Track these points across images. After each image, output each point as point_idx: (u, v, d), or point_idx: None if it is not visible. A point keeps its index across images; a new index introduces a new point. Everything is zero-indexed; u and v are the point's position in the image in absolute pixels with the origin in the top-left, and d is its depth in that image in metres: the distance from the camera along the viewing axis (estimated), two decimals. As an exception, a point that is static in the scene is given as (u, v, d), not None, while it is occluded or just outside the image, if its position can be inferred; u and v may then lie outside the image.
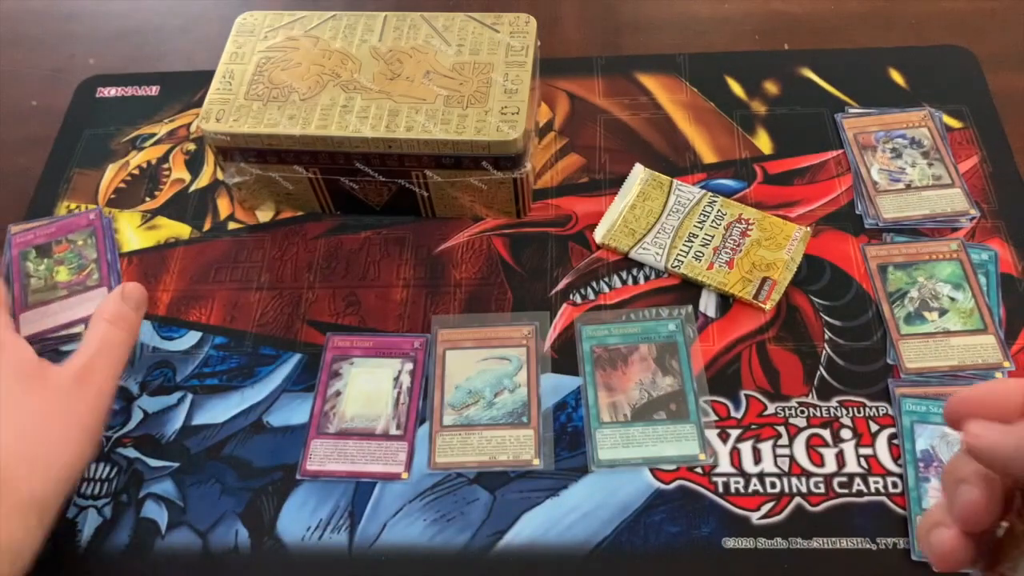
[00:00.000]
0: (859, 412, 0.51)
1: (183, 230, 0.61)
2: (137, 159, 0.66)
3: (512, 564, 0.47)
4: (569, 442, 0.51)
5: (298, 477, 0.50)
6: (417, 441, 0.51)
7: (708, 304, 0.55)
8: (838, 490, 0.48)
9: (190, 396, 0.54)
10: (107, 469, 0.51)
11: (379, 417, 0.52)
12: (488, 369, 0.53)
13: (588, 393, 0.52)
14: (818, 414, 0.51)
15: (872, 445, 0.50)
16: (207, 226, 0.62)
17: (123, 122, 0.68)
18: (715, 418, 0.51)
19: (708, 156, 0.63)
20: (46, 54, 0.74)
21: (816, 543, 0.47)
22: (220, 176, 0.63)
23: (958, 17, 0.70)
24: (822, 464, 0.49)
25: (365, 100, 0.55)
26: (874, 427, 0.50)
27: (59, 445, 0.43)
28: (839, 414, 0.51)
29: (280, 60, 0.58)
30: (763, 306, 0.54)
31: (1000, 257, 0.56)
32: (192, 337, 0.56)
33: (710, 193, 0.59)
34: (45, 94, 0.71)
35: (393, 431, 0.51)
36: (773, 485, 0.49)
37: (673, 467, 0.49)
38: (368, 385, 0.53)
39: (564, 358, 0.54)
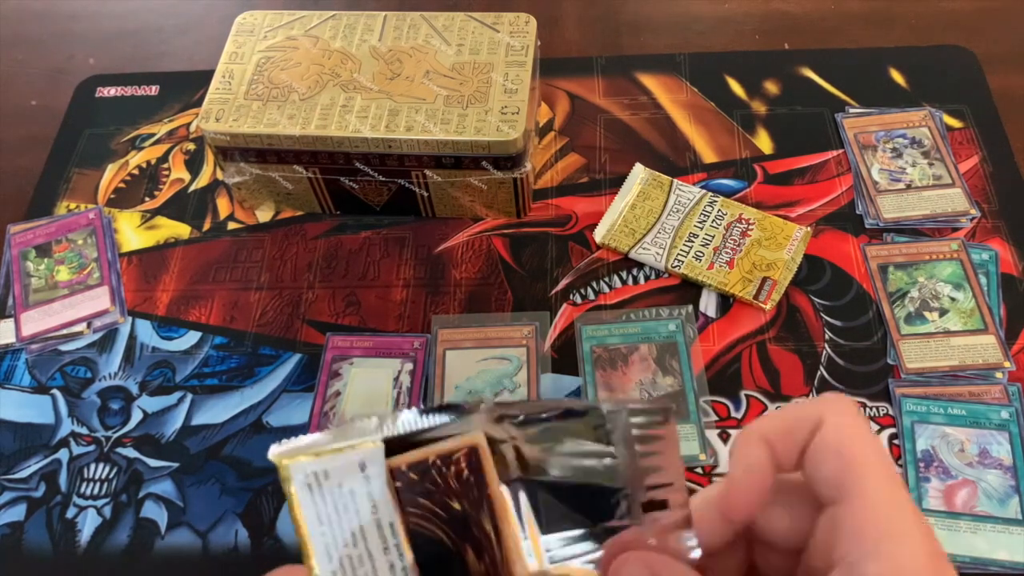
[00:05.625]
0: (859, 412, 0.51)
1: (183, 230, 0.61)
2: (137, 159, 0.66)
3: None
4: (569, 442, 0.50)
5: (298, 477, 0.50)
6: (417, 441, 0.51)
7: (708, 304, 0.55)
8: (838, 490, 0.48)
9: (190, 396, 0.54)
10: (107, 469, 0.51)
11: (379, 417, 0.52)
12: (488, 369, 0.53)
13: (588, 393, 0.52)
14: (818, 414, 0.51)
15: (872, 445, 0.49)
16: (207, 226, 0.62)
17: (123, 122, 0.68)
18: (715, 418, 0.51)
19: (708, 156, 0.63)
20: (46, 54, 0.74)
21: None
22: (220, 176, 0.63)
23: (958, 17, 0.70)
24: (822, 464, 0.49)
25: (365, 100, 0.55)
26: (874, 427, 0.50)
27: None
28: (839, 414, 0.51)
29: (280, 60, 0.58)
30: (763, 306, 0.54)
31: (1000, 257, 0.56)
32: (192, 337, 0.56)
33: (710, 193, 0.59)
34: (45, 94, 0.71)
35: (393, 431, 0.51)
36: (773, 485, 0.49)
37: (673, 467, 0.49)
38: (368, 385, 0.53)
39: (564, 358, 0.54)
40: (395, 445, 0.23)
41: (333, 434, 0.23)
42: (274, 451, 0.22)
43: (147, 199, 0.63)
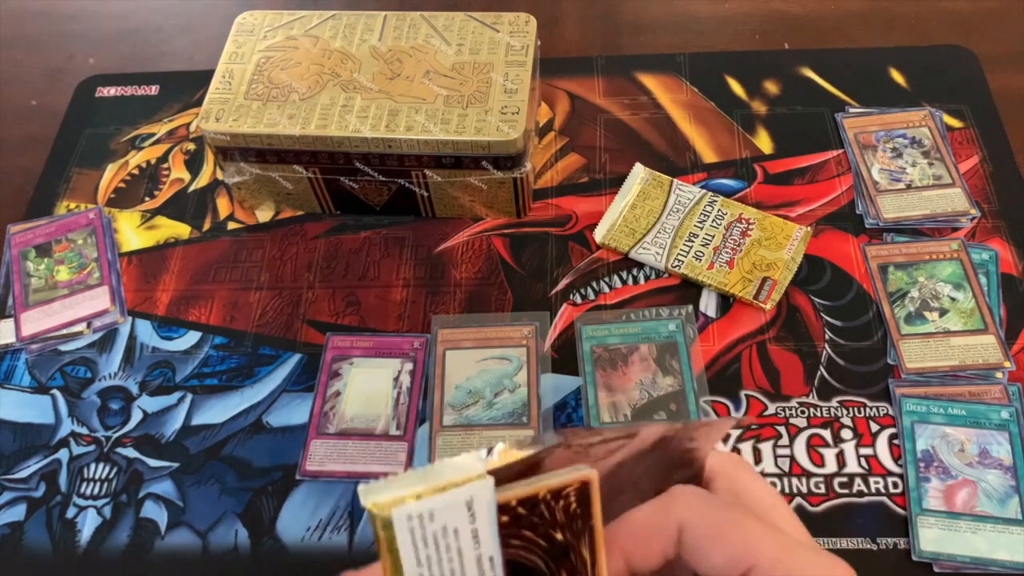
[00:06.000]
0: (859, 412, 0.51)
1: (183, 230, 0.61)
2: (137, 159, 0.66)
3: (512, 564, 0.47)
4: (569, 442, 0.50)
5: (298, 477, 0.50)
6: (417, 441, 0.51)
7: (708, 304, 0.55)
8: (839, 490, 0.48)
9: (190, 396, 0.54)
10: (107, 469, 0.51)
11: (379, 417, 0.52)
12: (488, 369, 0.53)
13: (588, 393, 0.52)
14: (818, 414, 0.51)
15: (872, 445, 0.50)
16: (207, 226, 0.62)
17: (123, 122, 0.68)
18: (716, 418, 0.51)
19: (708, 156, 0.63)
20: (46, 54, 0.74)
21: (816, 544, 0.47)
22: (220, 176, 0.63)
23: (958, 17, 0.70)
24: (822, 464, 0.49)
25: (365, 100, 0.55)
26: (874, 427, 0.50)
27: None
28: (839, 414, 0.51)
29: (280, 60, 0.58)
30: (763, 306, 0.54)
31: (1000, 257, 0.56)
32: (192, 337, 0.56)
33: (710, 193, 0.59)
34: (45, 94, 0.71)
35: (393, 431, 0.51)
36: (773, 485, 0.49)
37: (673, 467, 0.49)
38: (368, 385, 0.53)
39: (564, 358, 0.54)
40: (498, 477, 0.22)
41: (426, 472, 0.21)
42: (369, 498, 0.21)
43: (147, 199, 0.63)
